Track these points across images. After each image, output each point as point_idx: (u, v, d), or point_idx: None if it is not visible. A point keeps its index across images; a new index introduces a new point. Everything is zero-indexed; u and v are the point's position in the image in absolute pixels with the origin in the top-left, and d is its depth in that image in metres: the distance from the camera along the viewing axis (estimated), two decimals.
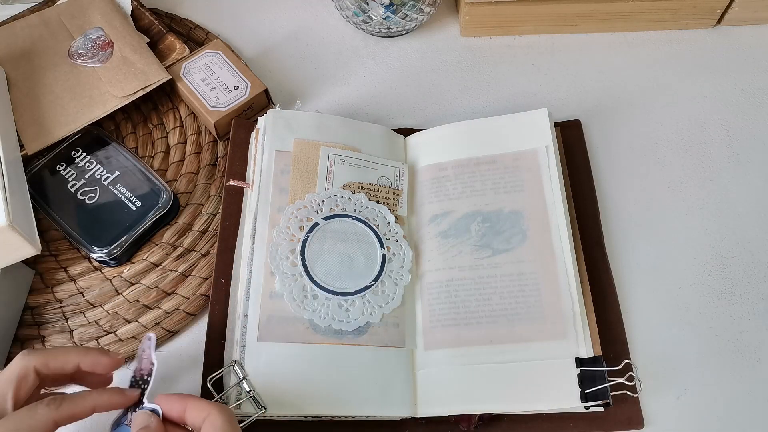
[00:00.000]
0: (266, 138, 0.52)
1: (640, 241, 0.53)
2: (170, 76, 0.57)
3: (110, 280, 0.52)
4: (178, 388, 0.49)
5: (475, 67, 0.63)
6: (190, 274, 0.52)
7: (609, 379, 0.44)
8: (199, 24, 0.66)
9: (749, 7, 0.61)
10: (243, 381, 0.44)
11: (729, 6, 0.61)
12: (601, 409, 0.44)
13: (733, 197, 0.55)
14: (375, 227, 0.50)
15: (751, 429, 0.46)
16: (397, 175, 0.53)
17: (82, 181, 0.54)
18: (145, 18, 0.63)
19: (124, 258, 0.53)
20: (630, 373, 0.45)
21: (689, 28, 0.63)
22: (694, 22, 0.63)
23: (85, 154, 0.55)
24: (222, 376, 0.45)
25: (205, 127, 0.59)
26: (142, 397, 0.40)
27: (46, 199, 0.53)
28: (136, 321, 0.51)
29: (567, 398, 0.43)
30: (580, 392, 0.43)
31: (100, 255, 0.51)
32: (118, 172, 0.55)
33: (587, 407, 0.44)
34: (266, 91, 0.58)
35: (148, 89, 0.57)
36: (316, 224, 0.49)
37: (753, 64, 0.61)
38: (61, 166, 0.55)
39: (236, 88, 0.57)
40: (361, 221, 0.50)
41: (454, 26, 0.66)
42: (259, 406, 0.43)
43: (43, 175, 0.55)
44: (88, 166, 0.55)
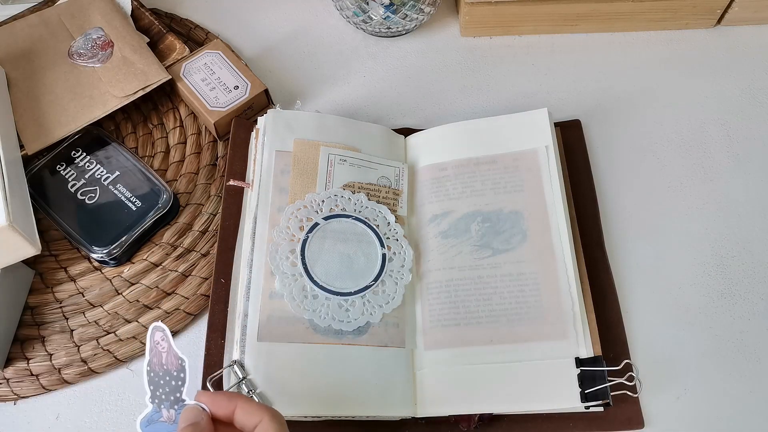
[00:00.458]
0: (266, 138, 0.52)
1: (640, 241, 0.53)
2: (170, 76, 0.57)
3: (110, 280, 0.52)
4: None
5: (475, 67, 0.63)
6: (190, 274, 0.52)
7: (609, 379, 0.44)
8: (199, 24, 0.66)
9: (749, 7, 0.61)
10: (243, 381, 0.44)
11: (729, 6, 0.61)
12: (601, 409, 0.44)
13: (733, 197, 0.55)
14: (375, 227, 0.50)
15: (751, 429, 0.46)
16: (397, 175, 0.53)
17: (82, 181, 0.54)
18: (145, 18, 0.63)
19: (124, 258, 0.53)
20: (630, 373, 0.45)
21: (689, 28, 0.63)
22: (694, 22, 0.63)
23: (85, 154, 0.55)
24: (222, 376, 0.45)
25: (205, 127, 0.59)
26: (180, 394, 0.39)
27: (46, 199, 0.53)
28: (136, 321, 0.51)
29: (567, 398, 0.43)
30: (580, 392, 0.43)
31: (100, 255, 0.51)
32: (118, 172, 0.55)
33: (587, 407, 0.44)
34: (266, 91, 0.58)
35: (148, 89, 0.57)
36: (316, 224, 0.49)
37: (753, 64, 0.61)
38: (61, 166, 0.55)
39: (236, 88, 0.57)
40: (361, 221, 0.50)
41: (454, 26, 0.66)
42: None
43: (43, 175, 0.55)
44: (88, 166, 0.55)
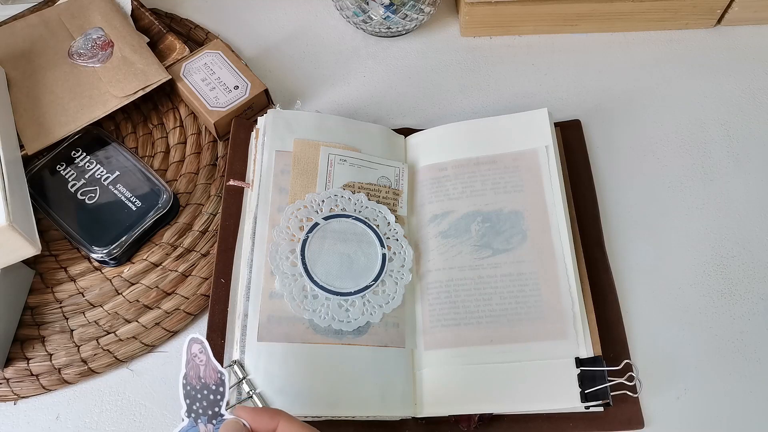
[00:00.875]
0: (266, 138, 0.52)
1: (640, 241, 0.53)
2: (170, 76, 0.57)
3: (110, 280, 0.52)
4: (178, 389, 0.49)
5: (475, 67, 0.63)
6: (190, 274, 0.52)
7: (609, 379, 0.44)
8: (199, 24, 0.66)
9: (749, 7, 0.61)
10: (243, 381, 0.44)
11: (729, 6, 0.61)
12: (601, 409, 0.44)
13: (733, 197, 0.55)
14: (375, 227, 0.50)
15: (751, 429, 0.46)
16: (397, 175, 0.53)
17: (82, 181, 0.54)
18: (145, 18, 0.63)
19: (124, 258, 0.53)
20: (630, 373, 0.45)
21: (689, 28, 0.63)
22: (694, 22, 0.63)
23: (85, 154, 0.55)
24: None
25: (205, 127, 0.59)
26: (219, 409, 0.38)
27: (46, 199, 0.53)
28: (136, 321, 0.51)
29: (567, 398, 0.43)
30: (580, 392, 0.43)
31: (100, 255, 0.51)
32: (118, 172, 0.55)
33: (587, 407, 0.44)
34: (266, 91, 0.58)
35: (148, 89, 0.57)
36: (316, 224, 0.49)
37: (753, 64, 0.61)
38: (61, 166, 0.55)
39: (236, 88, 0.57)
40: (361, 221, 0.50)
41: (454, 26, 0.66)
42: (260, 406, 0.43)
43: (43, 175, 0.55)
44: (88, 166, 0.55)
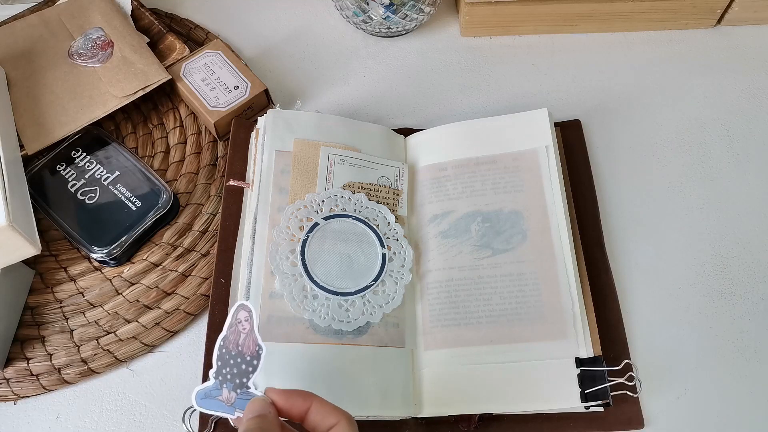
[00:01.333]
0: (266, 138, 0.52)
1: (640, 241, 0.53)
2: (170, 76, 0.57)
3: (110, 280, 0.52)
4: (178, 389, 0.49)
5: (475, 67, 0.63)
6: (190, 274, 0.52)
7: (609, 379, 0.44)
8: (199, 24, 0.66)
9: (749, 7, 0.61)
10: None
11: (729, 6, 0.61)
12: (601, 409, 0.44)
13: (733, 197, 0.55)
14: (375, 227, 0.50)
15: (751, 429, 0.46)
16: (397, 175, 0.53)
17: (82, 181, 0.54)
18: (145, 18, 0.63)
19: (124, 258, 0.53)
20: (630, 373, 0.45)
21: (689, 28, 0.63)
22: (694, 22, 0.63)
23: (85, 154, 0.55)
24: None
25: (205, 127, 0.59)
26: (247, 380, 0.38)
27: (46, 199, 0.53)
28: (136, 321, 0.51)
29: (567, 398, 0.43)
30: (580, 392, 0.43)
31: (100, 255, 0.51)
32: (118, 172, 0.55)
33: (587, 407, 0.44)
34: (266, 91, 0.58)
35: (148, 89, 0.57)
36: (316, 224, 0.49)
37: (753, 64, 0.61)
38: (61, 166, 0.55)
39: (236, 88, 0.57)
40: (361, 221, 0.50)
41: (454, 26, 0.66)
42: None
43: (43, 175, 0.55)
44: (88, 166, 0.55)
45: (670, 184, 0.56)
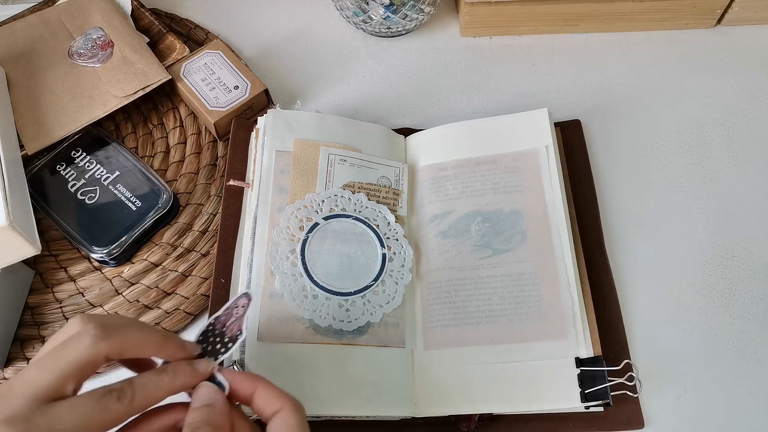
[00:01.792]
0: (266, 138, 0.52)
1: (640, 241, 0.53)
2: (170, 76, 0.57)
3: (110, 280, 0.52)
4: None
5: (475, 67, 0.63)
6: (190, 274, 0.52)
7: (609, 379, 0.44)
8: (199, 24, 0.66)
9: (749, 7, 0.61)
10: None
11: (729, 6, 0.61)
12: (601, 409, 0.44)
13: (733, 197, 0.55)
14: (375, 227, 0.50)
15: (751, 429, 0.46)
16: (397, 175, 0.53)
17: (82, 181, 0.54)
18: (145, 18, 0.63)
19: (124, 258, 0.53)
20: (630, 373, 0.45)
21: (689, 28, 0.63)
22: (694, 22, 0.63)
23: (85, 154, 0.55)
24: None
25: (205, 127, 0.59)
26: (215, 360, 0.36)
27: (46, 199, 0.53)
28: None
29: (567, 398, 0.43)
30: (580, 392, 0.43)
31: (100, 255, 0.51)
32: (118, 172, 0.55)
33: (587, 407, 0.44)
34: (266, 91, 0.58)
35: (148, 89, 0.57)
36: (316, 224, 0.49)
37: (753, 64, 0.61)
38: (61, 166, 0.55)
39: (236, 88, 0.57)
40: (361, 221, 0.50)
41: (454, 26, 0.66)
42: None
43: (43, 175, 0.55)
44: (88, 166, 0.55)
45: (670, 184, 0.56)
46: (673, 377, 0.48)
